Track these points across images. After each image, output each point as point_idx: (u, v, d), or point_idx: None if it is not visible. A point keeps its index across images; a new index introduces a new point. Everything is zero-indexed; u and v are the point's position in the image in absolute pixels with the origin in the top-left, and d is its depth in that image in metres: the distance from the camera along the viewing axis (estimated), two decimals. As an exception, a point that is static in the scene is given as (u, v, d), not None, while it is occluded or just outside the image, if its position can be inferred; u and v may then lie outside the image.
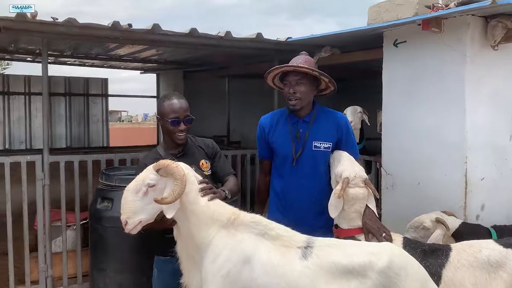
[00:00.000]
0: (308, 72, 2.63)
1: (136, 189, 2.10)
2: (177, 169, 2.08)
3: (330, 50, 4.61)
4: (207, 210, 2.20)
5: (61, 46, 5.39)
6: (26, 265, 3.88)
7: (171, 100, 2.59)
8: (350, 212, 2.59)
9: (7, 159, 3.74)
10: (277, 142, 2.83)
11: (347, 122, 2.87)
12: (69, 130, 8.25)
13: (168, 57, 6.45)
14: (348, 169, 2.56)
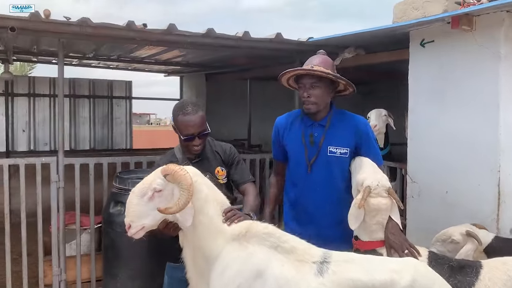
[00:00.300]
0: (322, 75, 2.46)
1: (141, 193, 1.99)
2: (185, 178, 1.95)
3: (354, 51, 4.42)
4: (215, 220, 2.07)
5: (81, 47, 5.38)
6: (40, 269, 3.84)
7: (185, 116, 2.43)
8: (372, 224, 2.41)
9: (22, 161, 3.71)
10: (290, 145, 2.68)
11: (367, 126, 2.67)
12: (93, 132, 8.31)
13: (190, 59, 6.38)
14: (370, 177, 2.37)
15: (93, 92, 8.24)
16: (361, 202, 2.31)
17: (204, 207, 2.05)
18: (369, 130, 2.67)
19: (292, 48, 4.28)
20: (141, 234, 2.01)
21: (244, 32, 3.85)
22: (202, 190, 2.07)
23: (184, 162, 2.47)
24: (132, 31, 3.52)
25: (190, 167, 2.16)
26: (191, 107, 2.45)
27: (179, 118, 2.44)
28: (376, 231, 2.41)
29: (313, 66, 2.47)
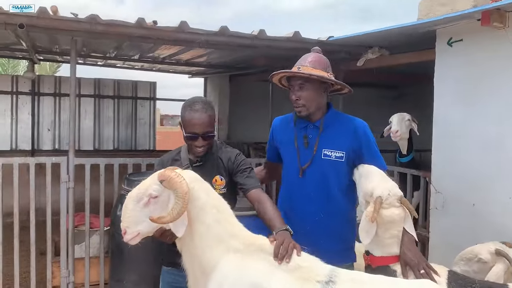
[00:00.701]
0: (308, 77, 2.27)
1: (137, 198, 1.88)
2: (180, 185, 1.81)
3: (378, 51, 4.19)
4: (213, 229, 1.91)
5: (101, 47, 5.34)
6: (48, 270, 3.78)
7: (193, 113, 2.26)
8: (385, 238, 2.19)
9: (32, 160, 3.66)
10: (283, 148, 2.51)
11: (366, 129, 2.43)
12: (117, 132, 8.32)
13: (213, 60, 6.27)
14: (380, 186, 2.15)
15: (118, 92, 8.25)
16: (373, 215, 2.10)
17: (201, 215, 1.91)
18: (369, 133, 2.44)
19: (311, 47, 4.07)
20: (137, 240, 1.89)
21: (259, 31, 3.69)
22: (199, 198, 1.92)
23: (185, 164, 2.35)
24: (143, 29, 3.42)
25: (189, 171, 2.02)
26: (201, 105, 2.28)
27: (186, 114, 2.29)
28: (390, 245, 2.19)
29: (299, 67, 2.28)
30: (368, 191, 2.17)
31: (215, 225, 1.92)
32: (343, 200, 2.39)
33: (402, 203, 2.16)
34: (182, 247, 1.98)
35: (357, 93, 8.21)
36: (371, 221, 2.10)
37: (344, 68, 4.76)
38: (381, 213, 2.13)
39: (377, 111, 5.63)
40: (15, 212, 3.61)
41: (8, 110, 7.52)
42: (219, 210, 1.97)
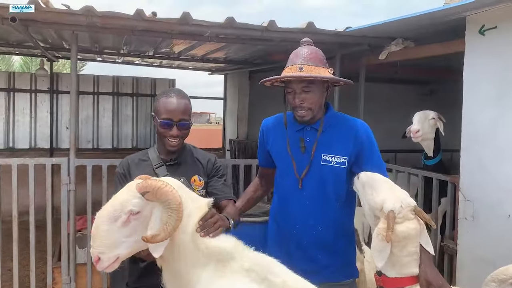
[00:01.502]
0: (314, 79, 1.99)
1: (113, 217, 1.58)
2: (173, 196, 1.55)
3: (402, 43, 3.82)
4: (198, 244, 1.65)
5: (112, 42, 5.17)
6: (48, 276, 3.62)
7: (168, 98, 2.08)
8: (402, 257, 1.87)
9: (32, 161, 3.49)
10: (276, 154, 2.22)
11: (368, 132, 2.13)
12: (136, 130, 8.19)
13: (230, 56, 6.01)
14: (390, 197, 1.84)
15: (137, 90, 8.12)
16: (388, 234, 1.78)
17: (187, 224, 1.64)
18: (371, 135, 2.13)
19: (329, 39, 3.76)
20: (115, 266, 1.61)
21: (269, 21, 3.39)
22: (186, 206, 1.66)
23: (156, 163, 2.13)
24: (143, 21, 3.19)
25: (169, 178, 1.76)
26: (176, 92, 2.14)
27: (161, 100, 2.09)
28: (407, 265, 1.87)
29: (301, 67, 1.97)
30: (377, 205, 1.85)
31: (201, 238, 1.66)
32: (342, 212, 2.12)
33: (416, 213, 1.84)
34: (163, 262, 1.71)
35: (381, 89, 7.86)
36: (387, 241, 1.79)
37: (366, 62, 4.43)
38: (396, 229, 1.81)
39: (404, 110, 5.26)
40: (14, 214, 3.46)
41: (27, 108, 7.49)
42: (201, 217, 1.71)
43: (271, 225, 2.31)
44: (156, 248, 1.57)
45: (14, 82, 7.40)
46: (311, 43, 2.11)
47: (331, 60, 4.48)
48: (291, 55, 2.09)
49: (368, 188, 1.90)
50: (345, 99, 4.60)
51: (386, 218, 1.79)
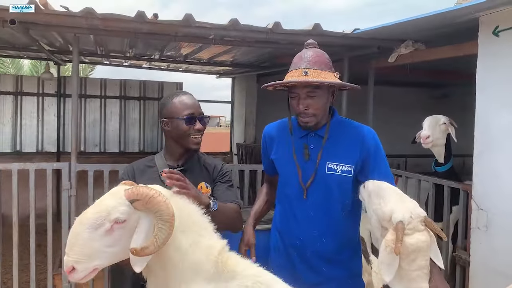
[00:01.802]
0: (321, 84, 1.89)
1: (95, 224, 1.44)
2: (166, 206, 1.44)
3: (412, 46, 3.70)
4: (190, 256, 1.55)
5: (117, 45, 5.12)
6: (49, 283, 3.55)
7: (181, 96, 2.07)
8: (411, 271, 1.75)
9: (32, 166, 3.43)
10: (279, 162, 2.11)
11: (375, 139, 2.01)
12: (143, 134, 8.14)
13: (239, 59, 5.92)
14: (399, 207, 1.72)
15: (144, 93, 8.07)
16: (397, 246, 1.66)
17: (176, 238, 1.52)
18: (378, 142, 2.02)
19: (336, 42, 3.65)
20: (91, 276, 1.49)
21: (274, 23, 3.29)
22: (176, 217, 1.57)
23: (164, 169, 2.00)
24: (144, 23, 3.11)
25: (158, 186, 1.66)
26: (183, 92, 2.13)
27: (174, 100, 2.05)
28: (416, 279, 1.75)
29: (306, 71, 1.86)
30: (385, 215, 1.74)
31: (191, 249, 1.55)
32: (347, 222, 2.03)
33: (426, 225, 1.73)
34: (149, 273, 1.59)
35: (392, 93, 7.70)
36: (396, 253, 1.68)
37: (375, 65, 4.31)
38: (405, 242, 1.70)
39: (416, 114, 5.12)
40: (14, 221, 3.39)
41: (34, 112, 7.48)
42: (195, 230, 1.60)
43: (274, 234, 2.22)
44: (138, 261, 1.44)
45: (22, 85, 7.40)
46: (315, 45, 2.01)
47: (338, 63, 4.38)
48: (294, 58, 1.99)
49: (375, 198, 1.79)
50: (354, 103, 4.48)
51: (395, 229, 1.68)
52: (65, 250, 1.47)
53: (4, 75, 8.58)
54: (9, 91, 7.31)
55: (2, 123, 7.31)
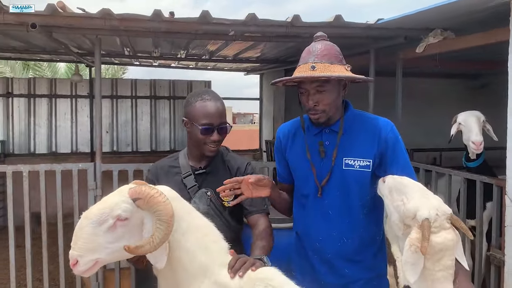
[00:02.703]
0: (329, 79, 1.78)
1: (100, 220, 1.46)
2: (165, 206, 1.43)
3: (441, 34, 3.53)
4: (199, 258, 1.53)
5: (144, 46, 5.16)
6: (77, 281, 3.62)
7: (205, 101, 1.96)
8: (435, 271, 1.64)
9: (58, 167, 3.50)
10: (293, 161, 2.01)
11: (393, 131, 1.89)
12: (173, 133, 8.23)
13: (267, 55, 5.86)
14: (424, 204, 1.61)
15: (173, 93, 8.15)
16: (423, 245, 1.56)
17: (182, 240, 1.53)
18: (397, 134, 1.89)
19: (360, 33, 3.53)
20: (94, 270, 1.50)
21: (293, 16, 3.21)
22: (183, 219, 1.54)
23: (186, 172, 2.02)
24: (162, 22, 3.10)
25: (164, 187, 1.63)
26: (211, 94, 2.01)
27: (197, 104, 1.96)
28: (440, 280, 1.64)
29: (313, 65, 1.77)
30: (409, 212, 1.63)
31: (200, 251, 1.54)
32: (368, 219, 1.91)
33: (453, 223, 1.61)
34: (159, 276, 1.62)
35: (425, 84, 7.41)
36: (422, 253, 1.57)
37: (402, 56, 4.14)
38: (431, 240, 1.59)
39: (451, 106, 4.89)
40: (43, 220, 3.48)
41: (68, 114, 7.69)
42: (204, 234, 1.58)
43: (294, 237, 2.14)
44: (157, 258, 1.46)
45: (56, 88, 7.62)
46: (325, 38, 1.91)
47: (365, 56, 4.25)
48: (303, 52, 1.90)
49: (397, 194, 1.68)
50: (382, 96, 4.34)
51: (421, 227, 1.58)
52: (71, 243, 1.48)
53: (39, 78, 8.87)
54: (44, 93, 7.54)
55: (38, 125, 7.56)
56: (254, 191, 1.84)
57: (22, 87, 7.47)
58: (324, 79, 1.76)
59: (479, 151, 3.24)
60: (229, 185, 1.80)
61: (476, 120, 3.30)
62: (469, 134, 3.25)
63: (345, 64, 1.82)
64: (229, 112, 34.70)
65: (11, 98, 7.43)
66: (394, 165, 1.84)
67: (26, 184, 3.40)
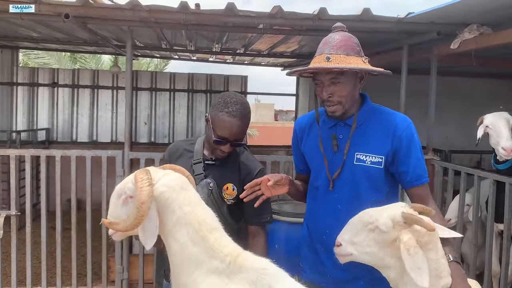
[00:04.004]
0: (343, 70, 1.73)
1: (119, 193, 1.63)
2: (140, 192, 1.48)
3: (477, 30, 3.38)
4: (190, 249, 1.54)
5: (178, 40, 5.27)
6: (103, 264, 3.75)
7: (229, 116, 1.93)
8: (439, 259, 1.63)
9: (88, 153, 3.64)
10: (308, 154, 1.99)
11: (409, 128, 1.82)
12: (209, 126, 8.32)
13: (303, 49, 5.83)
14: (386, 210, 1.61)
15: (210, 87, 8.26)
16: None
17: (173, 231, 1.55)
18: (413, 133, 1.82)
19: (390, 27, 3.44)
20: (118, 237, 1.64)
21: (320, 9, 3.17)
22: (174, 211, 1.56)
23: (197, 158, 2.06)
24: (189, 14, 3.15)
25: (174, 175, 1.65)
26: (239, 109, 1.96)
27: (220, 115, 1.95)
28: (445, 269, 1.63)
29: (329, 56, 1.73)
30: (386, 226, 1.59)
31: (192, 244, 1.54)
32: None
33: (406, 221, 1.54)
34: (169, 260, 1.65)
35: (466, 84, 7.10)
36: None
37: (438, 53, 3.99)
38: (417, 230, 1.58)
39: (495, 107, 4.65)
40: (72, 204, 3.62)
41: (109, 104, 7.96)
42: (197, 228, 1.58)
43: (303, 229, 2.13)
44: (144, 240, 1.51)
45: (98, 79, 7.90)
46: (343, 29, 1.87)
47: (397, 51, 4.13)
48: (320, 43, 1.88)
49: (362, 231, 1.66)
50: (415, 94, 4.22)
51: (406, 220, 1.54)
52: None
53: (83, 70, 9.24)
54: (87, 84, 7.84)
55: (81, 115, 7.89)
56: (273, 191, 1.88)
57: (67, 78, 7.81)
58: (339, 70, 1.73)
59: (510, 157, 3.03)
60: (250, 189, 1.84)
61: (506, 123, 3.09)
62: (498, 138, 3.03)
63: (363, 56, 1.77)
64: (271, 109, 34.74)
65: (56, 88, 7.78)
66: (405, 165, 1.80)
67: (58, 168, 3.55)
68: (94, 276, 3.80)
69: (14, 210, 3.52)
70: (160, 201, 1.53)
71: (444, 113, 7.01)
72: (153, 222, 1.51)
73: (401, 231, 1.54)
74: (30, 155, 3.61)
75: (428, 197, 1.82)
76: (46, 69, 8.20)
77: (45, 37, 5.58)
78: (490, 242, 3.06)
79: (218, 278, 1.51)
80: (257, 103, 31.19)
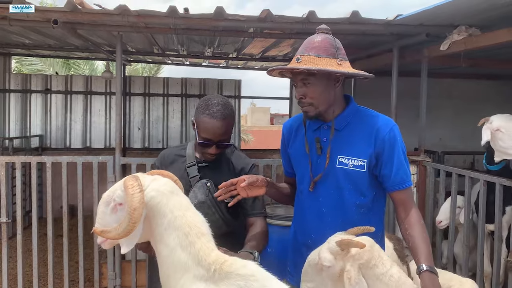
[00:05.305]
0: (306, 71, 1.74)
1: (107, 201, 1.62)
2: (131, 199, 1.48)
3: (466, 31, 3.40)
4: (179, 254, 1.54)
5: (170, 45, 5.26)
6: (95, 270, 3.73)
7: (211, 117, 1.96)
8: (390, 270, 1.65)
9: (80, 159, 3.62)
10: (294, 156, 1.99)
11: (392, 130, 1.81)
12: (202, 131, 8.31)
13: (290, 52, 5.83)
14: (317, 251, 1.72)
15: (204, 91, 8.23)
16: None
17: (164, 235, 1.55)
18: (397, 135, 1.81)
19: (379, 30, 3.45)
20: (108, 245, 1.63)
21: (309, 12, 3.17)
22: (165, 215, 1.56)
23: (190, 162, 2.07)
24: (178, 18, 3.15)
25: (163, 180, 1.65)
26: (221, 110, 1.99)
27: (202, 118, 1.99)
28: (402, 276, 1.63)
29: (299, 57, 1.74)
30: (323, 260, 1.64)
31: (181, 249, 1.54)
32: (366, 220, 1.83)
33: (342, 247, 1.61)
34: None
35: (462, 85, 7.11)
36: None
37: (428, 54, 4.01)
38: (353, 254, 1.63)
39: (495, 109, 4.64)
40: (64, 210, 3.61)
41: (102, 110, 7.93)
42: (187, 232, 1.57)
43: (290, 232, 2.13)
44: (124, 243, 1.52)
45: (91, 85, 7.88)
46: (326, 31, 1.87)
47: (388, 54, 4.14)
48: (303, 44, 1.88)
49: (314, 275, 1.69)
50: (408, 97, 4.23)
51: (340, 246, 1.59)
52: None
53: (76, 76, 9.22)
54: (80, 90, 7.82)
55: (74, 121, 7.85)
56: (249, 192, 1.87)
57: (60, 84, 7.78)
58: (307, 71, 1.73)
59: None
60: (225, 189, 1.84)
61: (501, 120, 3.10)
62: (510, 142, 2.95)
63: (338, 58, 1.76)
64: (267, 113, 34.83)
65: (49, 94, 7.75)
66: (388, 168, 1.79)
67: (49, 175, 3.53)
68: (86, 282, 3.79)
69: (4, 218, 3.49)
70: (151, 206, 1.54)
71: (437, 115, 7.05)
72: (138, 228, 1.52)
73: (344, 261, 1.57)
74: (21, 161, 3.59)
75: (410, 201, 1.81)
76: (39, 75, 8.18)
77: (38, 44, 5.57)
78: (482, 243, 3.06)
79: (205, 284, 1.51)
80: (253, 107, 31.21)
